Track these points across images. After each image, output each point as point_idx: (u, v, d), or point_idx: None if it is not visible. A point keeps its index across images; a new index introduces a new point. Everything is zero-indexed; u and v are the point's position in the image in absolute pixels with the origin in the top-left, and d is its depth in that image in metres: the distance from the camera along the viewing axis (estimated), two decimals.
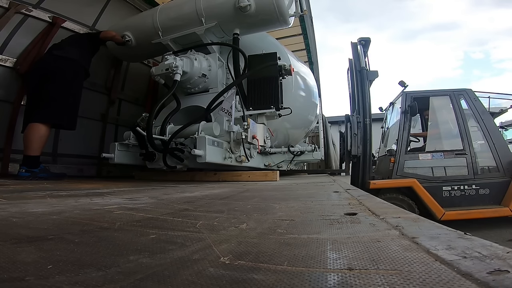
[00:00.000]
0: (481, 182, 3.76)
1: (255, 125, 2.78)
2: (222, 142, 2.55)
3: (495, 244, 0.42)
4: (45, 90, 2.65)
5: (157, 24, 3.30)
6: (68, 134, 3.33)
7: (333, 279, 0.34)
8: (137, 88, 4.46)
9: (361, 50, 4.12)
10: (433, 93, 4.32)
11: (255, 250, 0.46)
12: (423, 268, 0.35)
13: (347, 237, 0.53)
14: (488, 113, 4.09)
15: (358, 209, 0.87)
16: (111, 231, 0.61)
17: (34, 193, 1.40)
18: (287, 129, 3.92)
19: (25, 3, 2.97)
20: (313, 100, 4.38)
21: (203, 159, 2.28)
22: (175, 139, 2.69)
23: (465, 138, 3.90)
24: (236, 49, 3.10)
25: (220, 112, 2.66)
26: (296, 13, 3.13)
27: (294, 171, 4.87)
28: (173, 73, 2.75)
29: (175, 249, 0.47)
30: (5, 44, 2.92)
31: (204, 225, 0.68)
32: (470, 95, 4.09)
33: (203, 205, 1.06)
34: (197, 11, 3.10)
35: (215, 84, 3.18)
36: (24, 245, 0.49)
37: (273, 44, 3.69)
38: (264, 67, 3.02)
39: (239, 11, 2.93)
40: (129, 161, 2.94)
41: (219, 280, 0.34)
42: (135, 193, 1.51)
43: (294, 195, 1.41)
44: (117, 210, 0.89)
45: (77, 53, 2.92)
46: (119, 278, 0.34)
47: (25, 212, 0.83)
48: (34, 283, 0.32)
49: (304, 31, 5.66)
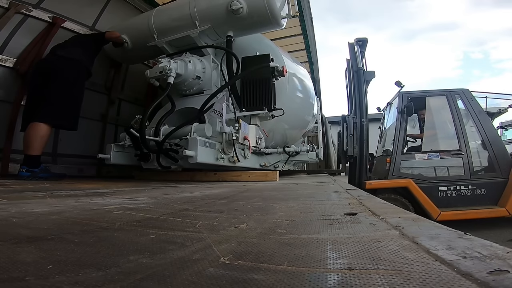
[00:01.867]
0: (477, 182, 3.75)
1: (247, 126, 2.81)
2: (215, 143, 2.59)
3: (495, 244, 0.42)
4: (47, 90, 2.65)
5: (153, 27, 3.34)
6: (68, 134, 3.33)
7: (333, 279, 0.34)
8: (137, 88, 4.47)
9: (358, 50, 4.12)
10: (429, 93, 4.32)
11: (255, 250, 0.46)
12: (423, 268, 0.35)
13: (347, 237, 0.53)
14: (485, 113, 4.09)
15: (358, 209, 0.87)
16: (111, 231, 0.61)
17: (34, 193, 1.40)
18: (284, 129, 3.93)
19: (25, 3, 2.97)
20: (309, 101, 4.39)
21: (195, 159, 2.33)
22: (170, 140, 2.72)
23: (461, 138, 3.90)
24: (228, 52, 3.14)
25: (212, 114, 2.69)
26: (288, 14, 3.16)
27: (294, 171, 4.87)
28: (167, 75, 2.78)
29: (175, 249, 0.47)
30: (5, 44, 2.92)
31: (204, 225, 0.68)
32: (466, 95, 4.10)
33: (203, 205, 1.06)
34: (191, 14, 3.14)
35: (210, 85, 3.22)
36: (24, 245, 0.49)
37: (268, 46, 3.72)
38: (257, 68, 3.07)
39: (232, 14, 2.97)
40: (125, 161, 2.98)
41: (219, 280, 0.34)
42: (135, 193, 1.51)
43: (294, 195, 1.41)
44: (117, 210, 0.89)
45: (80, 53, 2.92)
46: (119, 278, 0.34)
47: (25, 212, 0.83)
48: (34, 283, 0.32)
49: (304, 31, 5.66)
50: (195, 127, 2.62)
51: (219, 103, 2.69)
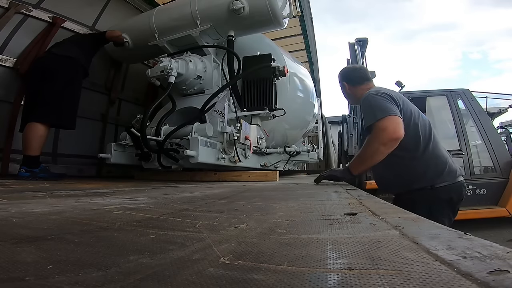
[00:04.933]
0: (477, 182, 3.76)
1: (248, 126, 2.81)
2: (216, 143, 2.59)
3: (495, 244, 0.42)
4: (43, 89, 2.64)
5: (154, 26, 3.34)
6: (68, 134, 3.33)
7: (333, 279, 0.34)
8: (137, 88, 4.47)
9: (358, 50, 4.13)
10: (430, 93, 4.33)
11: (255, 250, 0.46)
12: (423, 268, 0.35)
13: (347, 237, 0.53)
14: (485, 113, 4.09)
15: (358, 209, 0.87)
16: (111, 231, 0.61)
17: (34, 193, 1.40)
18: (284, 129, 3.93)
19: (25, 3, 2.97)
20: (310, 101, 4.39)
21: (196, 159, 2.33)
22: (171, 139, 2.72)
23: (462, 138, 3.90)
24: (230, 51, 3.14)
25: (213, 113, 2.69)
26: (290, 14, 3.16)
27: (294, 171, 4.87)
28: (168, 75, 2.78)
29: (175, 249, 0.47)
30: (5, 44, 2.92)
31: (204, 225, 0.68)
32: (467, 95, 4.10)
33: (203, 205, 1.06)
34: (192, 14, 3.14)
35: (211, 85, 3.22)
36: (24, 245, 0.49)
37: (269, 46, 3.72)
38: (258, 68, 3.07)
39: (233, 13, 2.96)
40: (126, 161, 2.98)
41: (219, 280, 0.34)
42: (135, 193, 1.51)
43: (294, 195, 1.41)
44: (117, 210, 0.89)
45: (77, 51, 2.91)
46: (119, 278, 0.34)
47: (25, 212, 0.83)
48: (34, 283, 0.32)
49: (304, 31, 5.66)
50: (196, 127, 2.62)
51: (220, 102, 2.69)
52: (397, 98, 1.68)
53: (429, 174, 1.65)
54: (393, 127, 1.52)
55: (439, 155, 1.70)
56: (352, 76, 1.98)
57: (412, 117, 1.69)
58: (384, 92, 1.70)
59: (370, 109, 1.64)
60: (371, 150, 1.60)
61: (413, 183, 1.69)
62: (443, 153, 1.73)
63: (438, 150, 1.72)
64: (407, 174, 1.71)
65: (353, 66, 2.12)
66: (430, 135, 1.70)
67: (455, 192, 1.68)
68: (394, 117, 1.55)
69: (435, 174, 1.65)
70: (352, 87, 1.96)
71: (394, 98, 1.66)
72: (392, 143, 1.53)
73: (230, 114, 2.79)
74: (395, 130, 1.51)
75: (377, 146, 1.55)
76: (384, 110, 1.57)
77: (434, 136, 1.72)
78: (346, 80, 1.98)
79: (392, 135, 1.51)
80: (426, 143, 1.68)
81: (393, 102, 1.64)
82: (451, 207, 1.69)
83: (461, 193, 1.71)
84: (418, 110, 1.81)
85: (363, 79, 1.94)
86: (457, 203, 1.72)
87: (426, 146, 1.67)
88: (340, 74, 2.03)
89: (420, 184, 1.67)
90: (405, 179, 1.72)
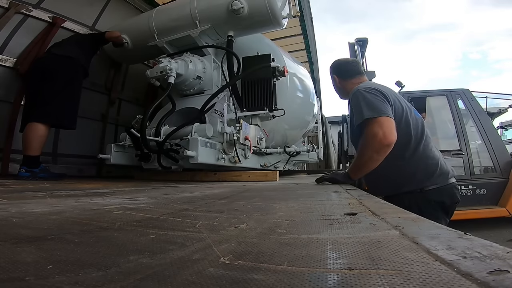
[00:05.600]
0: (477, 182, 3.76)
1: (248, 126, 2.81)
2: (215, 143, 2.59)
3: (495, 244, 0.42)
4: (43, 89, 2.65)
5: (153, 27, 3.35)
6: (68, 134, 3.33)
7: (333, 279, 0.34)
8: (137, 88, 4.47)
9: (358, 50, 4.13)
10: (430, 93, 4.33)
11: (255, 250, 0.46)
12: (423, 268, 0.35)
13: (347, 237, 0.53)
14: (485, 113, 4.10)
15: (358, 209, 0.87)
16: (111, 231, 0.61)
17: (34, 193, 1.40)
18: (284, 129, 3.93)
19: (25, 3, 2.98)
20: (310, 101, 4.39)
21: (196, 160, 2.33)
22: (170, 140, 2.72)
23: (462, 138, 3.90)
24: (229, 52, 3.14)
25: (213, 114, 2.69)
26: (289, 14, 3.16)
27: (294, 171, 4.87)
28: (167, 75, 2.78)
29: (175, 249, 0.47)
30: (5, 44, 2.92)
31: (204, 225, 0.68)
32: (467, 95, 4.11)
33: (203, 205, 1.06)
34: (192, 14, 3.14)
35: (210, 86, 3.23)
36: (24, 245, 0.49)
37: (268, 46, 3.72)
38: (257, 68, 3.07)
39: (233, 13, 2.97)
40: (126, 161, 2.98)
41: (219, 280, 0.34)
42: (135, 193, 1.51)
43: (294, 195, 1.41)
44: (117, 210, 0.89)
45: (76, 51, 2.91)
46: (119, 278, 0.34)
47: (25, 212, 0.83)
48: (34, 283, 0.32)
49: (304, 31, 5.66)
50: (196, 127, 2.62)
51: (220, 103, 2.69)
52: (387, 94, 1.59)
53: (419, 175, 1.57)
54: (383, 132, 1.43)
55: (430, 156, 1.62)
56: (343, 69, 1.88)
57: (404, 114, 1.61)
58: (373, 88, 1.60)
59: (359, 106, 1.54)
60: (365, 158, 1.53)
61: (402, 185, 1.61)
62: (435, 154, 1.64)
63: (430, 150, 1.63)
64: (395, 175, 1.63)
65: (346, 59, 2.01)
66: (422, 134, 1.62)
67: (447, 195, 1.59)
68: (384, 118, 1.46)
69: (425, 176, 1.57)
70: (342, 80, 1.87)
71: (384, 94, 1.57)
72: (385, 149, 1.45)
73: (230, 115, 2.79)
74: (386, 136, 1.43)
75: (370, 154, 1.49)
76: (374, 109, 1.49)
77: (426, 136, 1.64)
78: (336, 73, 1.89)
79: (383, 141, 1.43)
80: (417, 143, 1.60)
81: (384, 99, 1.55)
82: (445, 210, 1.60)
83: (454, 195, 1.62)
84: (412, 107, 1.72)
85: (355, 72, 1.84)
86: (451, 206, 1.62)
87: (417, 145, 1.59)
88: (331, 66, 1.94)
89: (409, 186, 1.59)
90: (393, 181, 1.64)
